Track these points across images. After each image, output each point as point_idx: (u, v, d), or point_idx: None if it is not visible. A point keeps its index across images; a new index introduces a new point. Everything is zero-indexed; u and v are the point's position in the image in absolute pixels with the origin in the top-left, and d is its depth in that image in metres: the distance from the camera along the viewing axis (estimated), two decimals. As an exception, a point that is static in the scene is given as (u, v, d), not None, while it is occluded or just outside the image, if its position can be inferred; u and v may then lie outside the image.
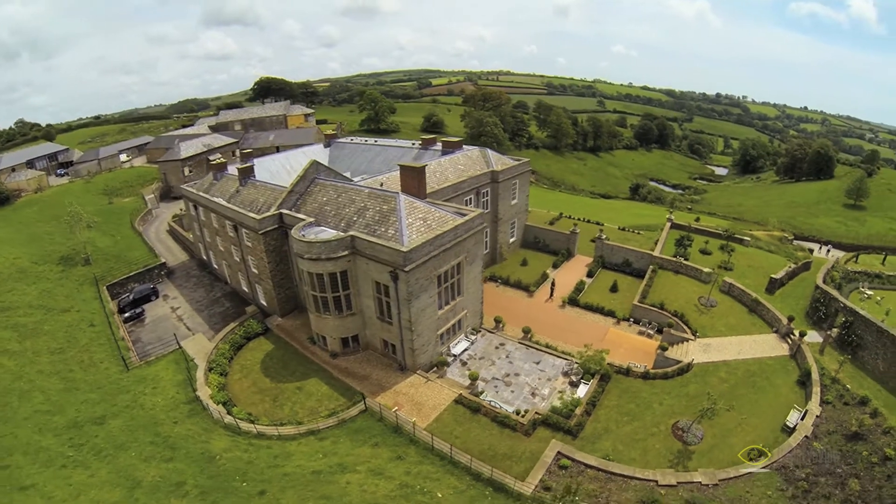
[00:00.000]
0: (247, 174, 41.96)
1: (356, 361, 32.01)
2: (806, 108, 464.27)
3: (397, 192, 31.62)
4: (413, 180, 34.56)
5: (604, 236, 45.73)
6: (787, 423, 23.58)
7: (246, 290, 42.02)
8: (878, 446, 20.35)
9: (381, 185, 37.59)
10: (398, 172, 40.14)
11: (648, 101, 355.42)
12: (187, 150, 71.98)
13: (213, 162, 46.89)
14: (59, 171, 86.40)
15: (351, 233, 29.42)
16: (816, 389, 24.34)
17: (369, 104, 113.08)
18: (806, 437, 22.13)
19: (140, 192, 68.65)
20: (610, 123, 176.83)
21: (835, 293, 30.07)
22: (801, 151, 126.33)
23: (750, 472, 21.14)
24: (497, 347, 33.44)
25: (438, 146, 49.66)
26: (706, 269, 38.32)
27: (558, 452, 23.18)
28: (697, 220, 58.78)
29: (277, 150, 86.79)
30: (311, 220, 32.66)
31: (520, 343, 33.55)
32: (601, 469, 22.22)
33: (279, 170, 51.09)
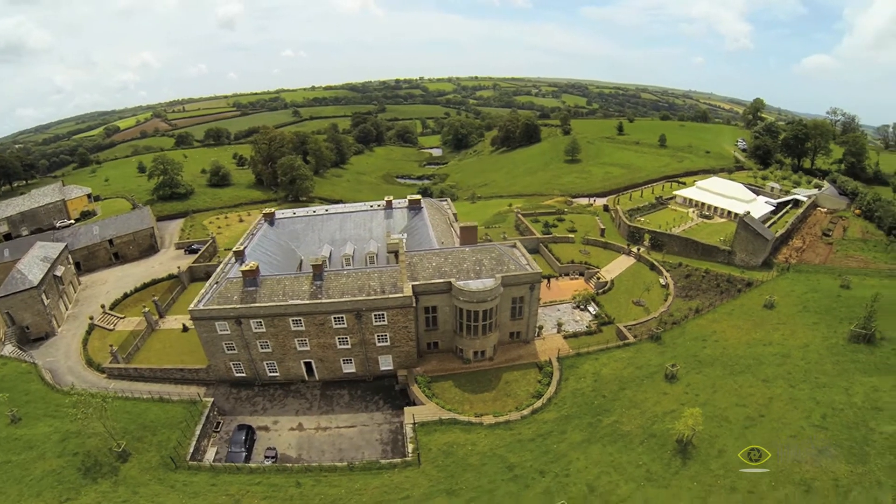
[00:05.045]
0: (320, 270, 55.18)
1: (502, 353, 58.78)
2: (476, 77, 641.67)
3: (495, 243, 59.73)
4: (470, 235, 62.77)
5: (504, 234, 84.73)
6: (661, 283, 71.37)
7: (354, 370, 56.64)
8: (698, 275, 70.00)
9: (443, 243, 62.39)
10: (432, 232, 65.31)
11: (336, 101, 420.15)
12: (33, 272, 62.10)
13: (245, 268, 53.99)
14: None
15: (499, 275, 56.13)
16: (662, 269, 73.30)
17: (159, 169, 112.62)
18: (674, 285, 70.27)
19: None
20: (346, 137, 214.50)
21: (639, 225, 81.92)
22: (512, 125, 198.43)
23: (669, 304, 67.01)
24: (537, 314, 67.79)
25: (398, 202, 73.87)
26: (571, 235, 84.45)
27: (625, 326, 61.58)
28: (510, 205, 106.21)
29: (111, 243, 77.96)
30: (453, 279, 55.73)
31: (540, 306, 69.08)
32: (640, 323, 62.17)
33: (270, 258, 62.48)
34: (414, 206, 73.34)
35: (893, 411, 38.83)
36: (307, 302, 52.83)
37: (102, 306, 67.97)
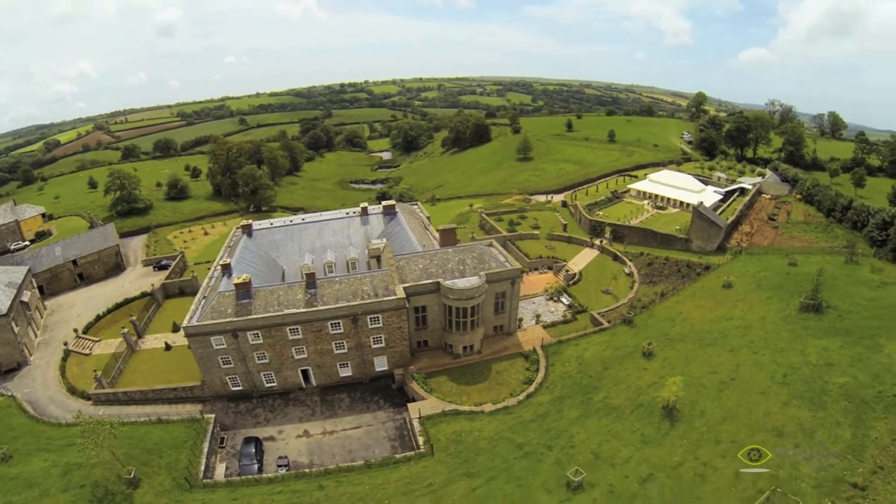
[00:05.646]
0: (313, 278, 57.48)
1: (488, 346, 63.02)
2: (421, 78, 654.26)
3: (475, 244, 63.95)
4: (450, 237, 66.98)
5: (473, 234, 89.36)
6: (626, 272, 78.03)
7: (350, 373, 59.20)
8: (660, 262, 77.18)
9: (424, 246, 65.96)
10: (412, 235, 68.87)
11: (283, 107, 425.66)
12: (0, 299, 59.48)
13: (238, 281, 55.46)
14: None
15: (484, 273, 60.31)
16: (625, 259, 80.00)
17: (116, 184, 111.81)
18: (639, 273, 76.98)
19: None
20: (298, 144, 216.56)
21: (599, 219, 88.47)
22: (462, 125, 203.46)
23: (635, 291, 73.69)
24: (517, 308, 72.76)
25: (374, 208, 76.67)
26: (536, 231, 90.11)
27: (598, 313, 67.47)
28: (471, 206, 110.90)
29: (75, 263, 77.08)
30: (441, 279, 59.46)
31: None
32: (611, 309, 68.42)
33: (255, 269, 64.12)
34: (389, 212, 76.51)
35: (843, 366, 46.21)
36: (305, 310, 54.93)
37: (75, 330, 66.78)
